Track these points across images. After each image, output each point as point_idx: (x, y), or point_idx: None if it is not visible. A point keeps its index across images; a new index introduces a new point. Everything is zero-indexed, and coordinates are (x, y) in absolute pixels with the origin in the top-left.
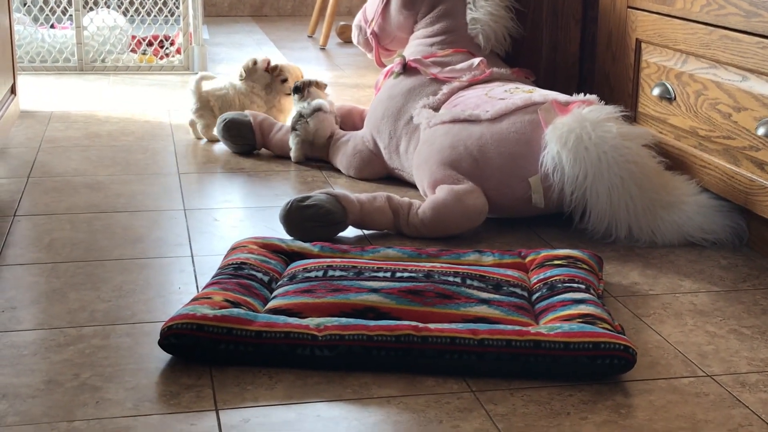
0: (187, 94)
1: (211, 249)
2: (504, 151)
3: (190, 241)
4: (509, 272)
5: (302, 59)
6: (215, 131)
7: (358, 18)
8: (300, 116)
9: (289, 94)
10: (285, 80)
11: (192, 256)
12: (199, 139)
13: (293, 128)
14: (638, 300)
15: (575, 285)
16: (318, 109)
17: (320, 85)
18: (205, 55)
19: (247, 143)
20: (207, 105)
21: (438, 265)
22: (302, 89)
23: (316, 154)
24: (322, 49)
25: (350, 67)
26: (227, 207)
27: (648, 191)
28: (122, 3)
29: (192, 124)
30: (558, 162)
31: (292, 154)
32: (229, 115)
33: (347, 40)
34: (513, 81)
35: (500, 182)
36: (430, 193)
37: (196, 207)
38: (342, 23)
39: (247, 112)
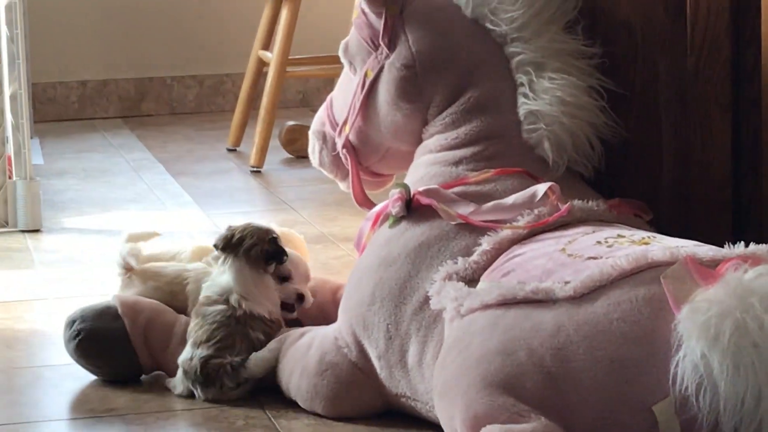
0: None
1: None
2: (602, 356)
3: None
4: None
5: (218, 193)
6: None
7: (320, 118)
8: (203, 378)
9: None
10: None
11: None
12: None
13: (187, 375)
14: None
15: None
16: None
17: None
18: (36, 195)
19: (125, 365)
20: (158, 288)
21: None
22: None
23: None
24: (255, 171)
25: (308, 204)
26: None
27: None
28: None
29: None
30: (705, 373)
31: (174, 385)
32: (89, 314)
33: (302, 154)
34: (611, 223)
35: (599, 415)
36: None
37: None
38: (290, 123)
39: (115, 300)
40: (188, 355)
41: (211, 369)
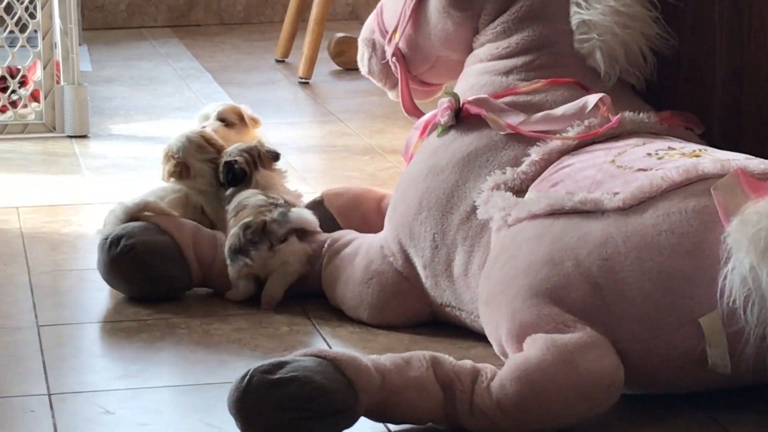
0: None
1: None
2: (650, 268)
3: None
4: None
5: (266, 103)
6: (99, 267)
7: (369, 26)
8: (251, 236)
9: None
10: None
11: None
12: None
13: (236, 251)
14: None
15: None
16: (294, 229)
17: (266, 160)
18: (84, 101)
19: (178, 278)
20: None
21: None
22: (243, 175)
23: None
24: (304, 82)
25: (355, 116)
26: (130, 387)
27: None
28: None
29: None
30: (754, 286)
31: (234, 295)
32: (133, 230)
33: (350, 66)
34: (662, 136)
35: (645, 327)
36: (512, 349)
37: (72, 389)
38: (339, 35)
39: (151, 218)
40: (233, 233)
41: (255, 228)
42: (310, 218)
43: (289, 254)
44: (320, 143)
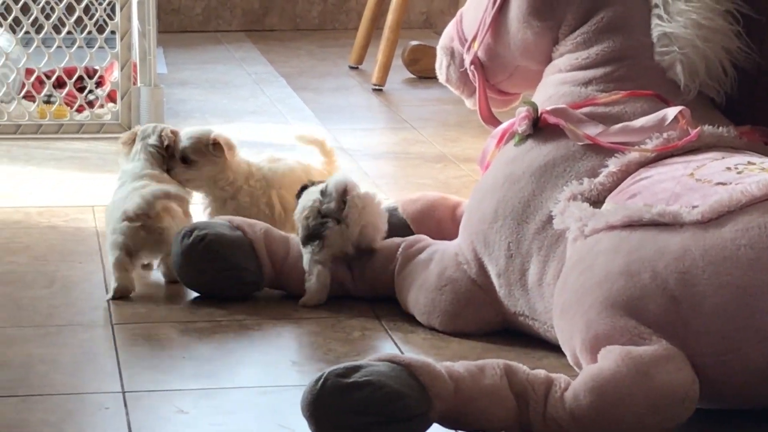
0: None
1: None
2: (727, 282)
3: None
4: None
5: (339, 109)
6: (174, 260)
7: (449, 34)
8: (314, 221)
9: None
10: None
11: None
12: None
13: (308, 237)
14: None
15: None
16: (344, 190)
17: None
18: (160, 102)
19: (247, 273)
20: None
21: None
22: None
23: (367, 287)
24: (377, 89)
25: (429, 123)
26: (203, 388)
27: None
28: (9, 12)
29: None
30: None
31: (309, 291)
32: (206, 223)
33: (424, 74)
34: (741, 150)
35: (721, 341)
36: (587, 360)
37: (146, 388)
38: (414, 43)
39: (225, 218)
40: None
41: (312, 214)
42: (348, 177)
43: (358, 214)
44: (393, 150)
